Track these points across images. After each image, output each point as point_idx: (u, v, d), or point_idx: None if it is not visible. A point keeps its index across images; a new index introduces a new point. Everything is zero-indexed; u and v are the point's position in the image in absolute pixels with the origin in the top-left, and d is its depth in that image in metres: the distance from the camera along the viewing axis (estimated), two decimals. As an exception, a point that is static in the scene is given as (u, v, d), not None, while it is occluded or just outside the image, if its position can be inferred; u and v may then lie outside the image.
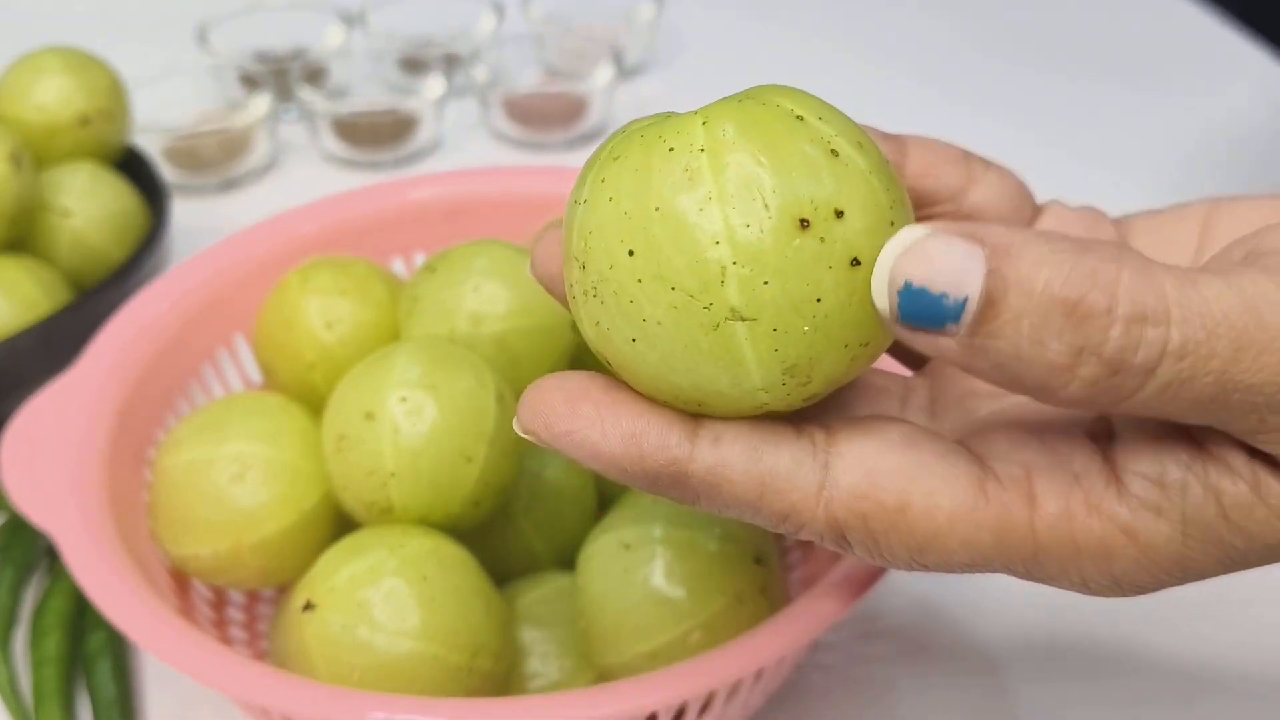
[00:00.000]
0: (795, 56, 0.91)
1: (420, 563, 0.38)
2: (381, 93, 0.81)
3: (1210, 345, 0.22)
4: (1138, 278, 0.22)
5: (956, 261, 0.22)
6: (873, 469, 0.26)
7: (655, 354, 0.25)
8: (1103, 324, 0.22)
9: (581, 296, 0.26)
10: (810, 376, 0.25)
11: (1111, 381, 0.22)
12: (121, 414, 0.44)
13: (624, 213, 0.25)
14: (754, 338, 0.24)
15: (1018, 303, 0.22)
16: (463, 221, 0.53)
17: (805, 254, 0.24)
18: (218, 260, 0.50)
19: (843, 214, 0.24)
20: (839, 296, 0.24)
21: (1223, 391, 0.22)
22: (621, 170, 0.25)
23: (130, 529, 0.42)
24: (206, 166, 0.76)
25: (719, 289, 0.24)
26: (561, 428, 0.26)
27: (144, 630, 0.36)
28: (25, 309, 0.54)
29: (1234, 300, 0.22)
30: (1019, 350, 0.22)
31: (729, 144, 0.24)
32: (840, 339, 0.24)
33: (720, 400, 0.25)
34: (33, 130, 0.60)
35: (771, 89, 0.27)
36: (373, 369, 0.41)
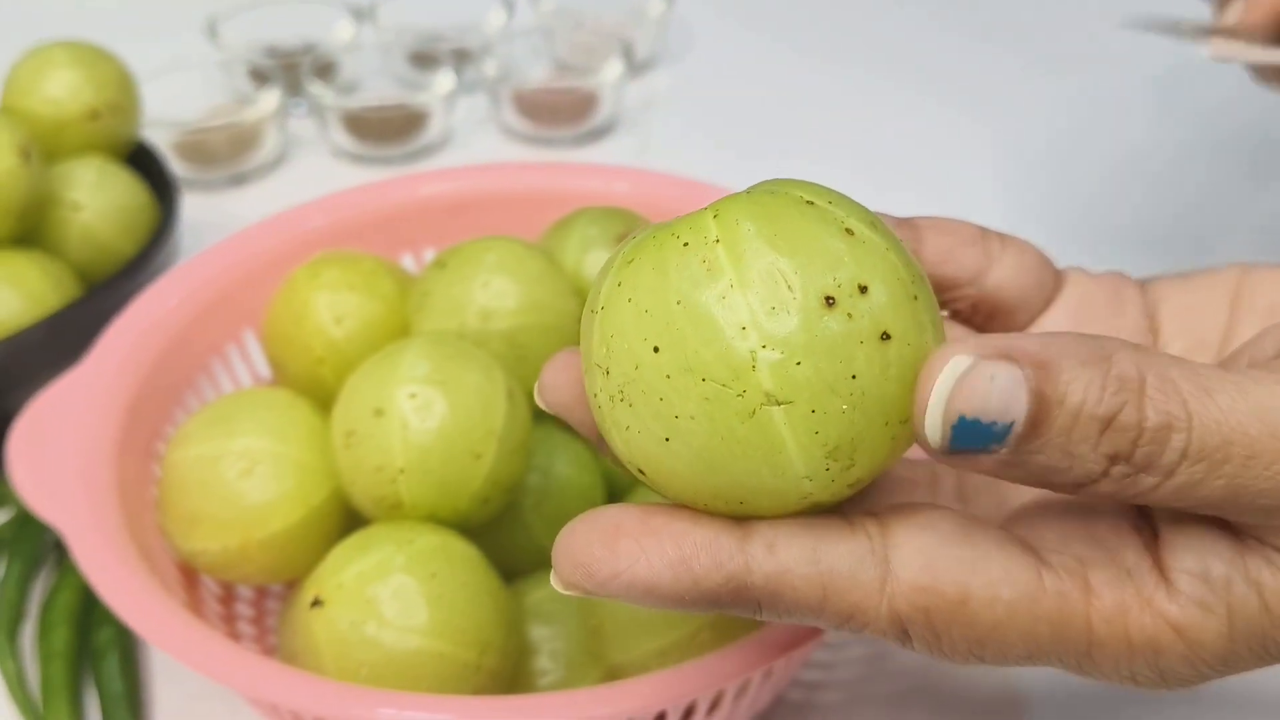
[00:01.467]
0: (805, 52, 0.91)
1: (428, 559, 0.38)
2: (391, 87, 0.81)
3: (1224, 452, 0.23)
4: (1161, 385, 0.23)
5: (1003, 388, 0.23)
6: (933, 561, 0.25)
7: (691, 451, 0.24)
8: (1133, 435, 0.23)
9: (608, 404, 0.25)
10: (853, 459, 0.24)
11: (1136, 479, 0.24)
12: (130, 409, 0.44)
13: (645, 311, 0.24)
14: (792, 421, 0.24)
15: (1059, 422, 0.23)
16: (472, 217, 0.53)
17: (835, 331, 0.23)
18: (227, 255, 0.50)
19: (866, 289, 0.24)
20: (873, 372, 0.24)
21: (1234, 494, 0.24)
22: (638, 271, 0.25)
23: (138, 524, 0.41)
24: (216, 161, 0.76)
25: (751, 375, 0.23)
26: (605, 573, 0.25)
27: (152, 625, 0.36)
28: (34, 303, 0.54)
29: (1248, 409, 0.23)
30: (1057, 462, 0.23)
31: (744, 233, 0.24)
32: (879, 415, 0.24)
33: (763, 495, 0.25)
34: (42, 124, 0.60)
35: (779, 180, 0.26)
36: (382, 365, 0.41)
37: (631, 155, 0.79)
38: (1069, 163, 0.77)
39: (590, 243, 0.48)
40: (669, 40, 0.92)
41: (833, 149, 0.79)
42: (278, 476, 0.41)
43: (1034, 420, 0.23)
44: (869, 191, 0.78)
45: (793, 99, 0.85)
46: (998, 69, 0.87)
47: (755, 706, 0.40)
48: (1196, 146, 0.78)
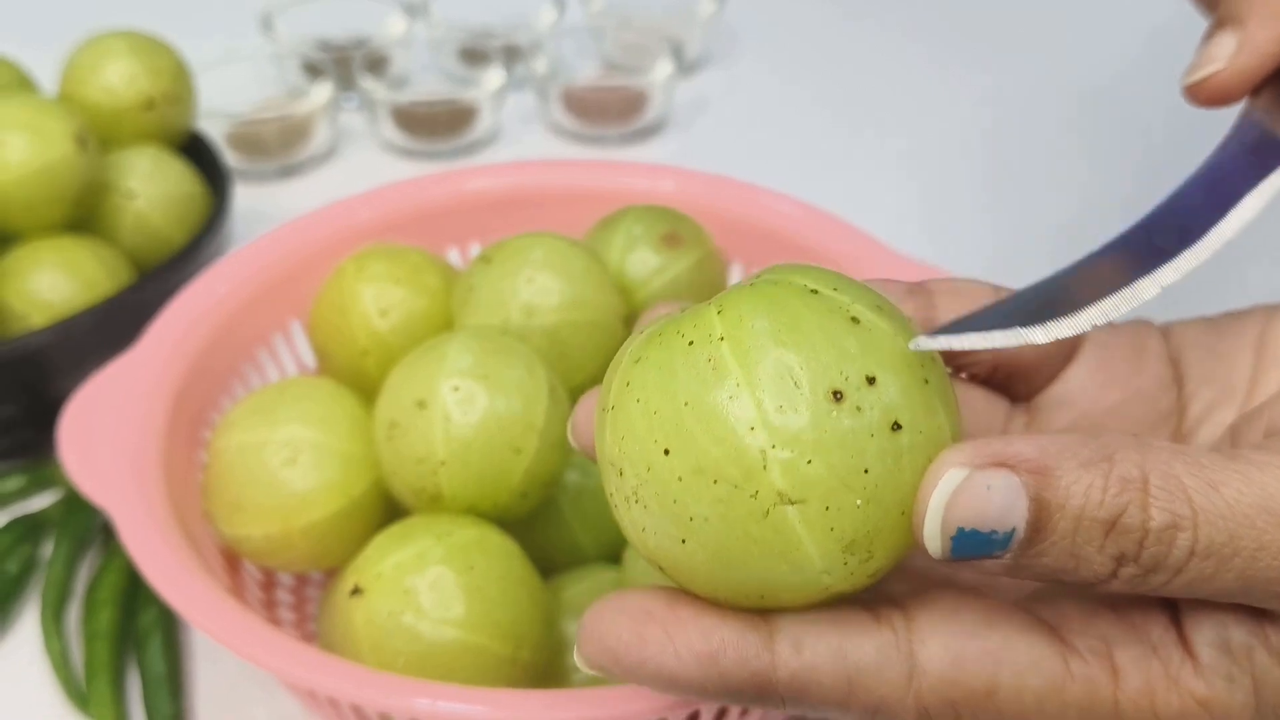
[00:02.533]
0: (857, 51, 0.91)
1: (467, 552, 0.38)
2: (441, 83, 0.82)
3: (1233, 546, 0.23)
4: (1164, 484, 0.23)
5: (1001, 498, 0.23)
6: (959, 654, 0.25)
7: (707, 552, 0.24)
8: (1138, 536, 0.23)
9: (623, 504, 0.25)
10: (871, 551, 0.24)
11: (1145, 578, 0.23)
12: (179, 395, 0.45)
13: (654, 412, 0.24)
14: (807, 520, 0.23)
15: (1062, 526, 0.23)
16: (518, 213, 0.53)
17: (844, 426, 0.23)
18: (276, 246, 0.50)
19: (875, 380, 0.23)
20: (886, 464, 0.23)
21: (1246, 585, 0.23)
22: (645, 371, 0.25)
23: (184, 508, 0.42)
24: (267, 152, 0.77)
25: (762, 475, 0.23)
26: (632, 659, 0.25)
27: (195, 608, 0.37)
28: (87, 288, 0.54)
29: (1254, 500, 0.23)
30: (1062, 564, 0.23)
31: (748, 329, 0.24)
32: (895, 507, 0.24)
33: (783, 590, 0.24)
34: (98, 112, 0.60)
35: (783, 268, 0.26)
36: (425, 357, 0.41)
37: (679, 155, 0.79)
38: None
39: (635, 241, 0.49)
40: (718, 41, 0.92)
41: (881, 150, 0.79)
42: (320, 466, 0.42)
43: (1035, 526, 0.23)
44: (917, 191, 0.78)
45: (841, 102, 0.85)
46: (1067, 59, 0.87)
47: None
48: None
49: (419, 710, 0.34)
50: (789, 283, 0.25)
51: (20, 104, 0.55)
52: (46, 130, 0.54)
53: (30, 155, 0.53)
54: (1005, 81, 0.86)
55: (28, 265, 0.54)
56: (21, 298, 0.54)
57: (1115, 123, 0.79)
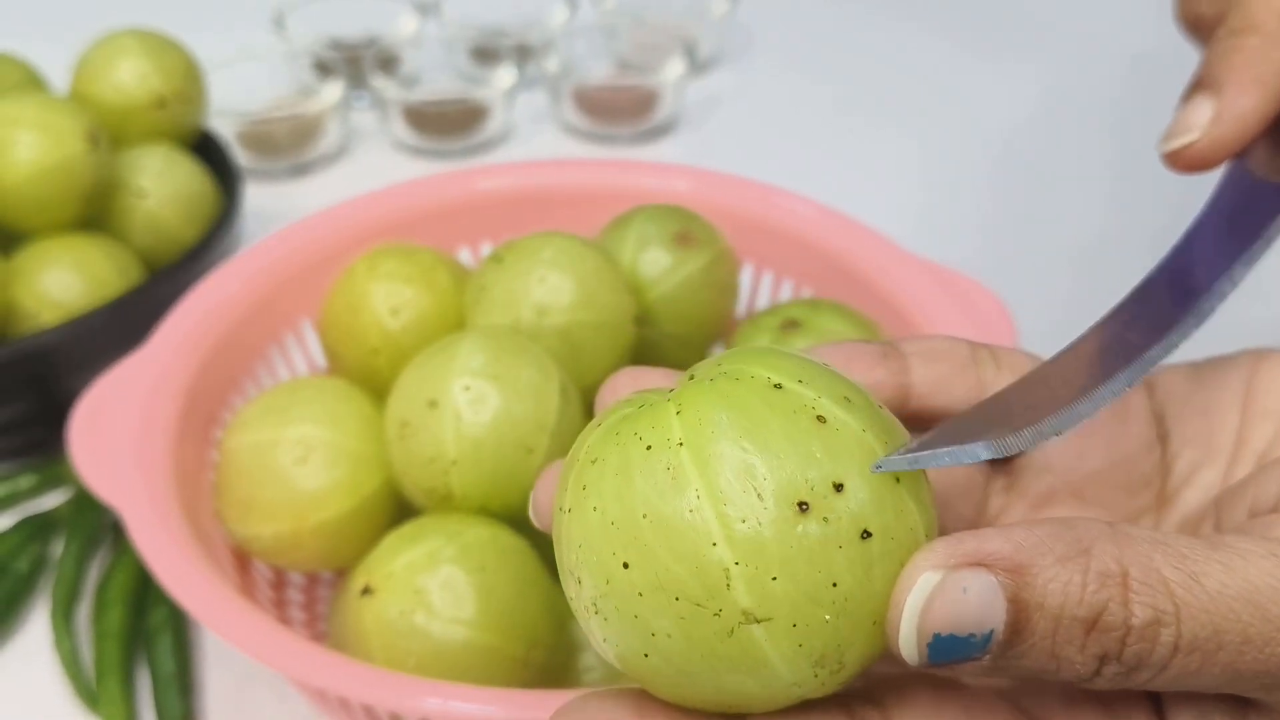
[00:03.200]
0: (870, 51, 0.90)
1: (478, 552, 0.38)
2: (453, 82, 0.82)
3: (1217, 640, 0.22)
4: (1145, 578, 0.22)
5: (977, 600, 0.22)
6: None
7: (671, 667, 0.23)
8: (1120, 634, 0.22)
9: (583, 612, 0.24)
10: (842, 663, 0.23)
11: (1129, 676, 0.23)
12: (189, 394, 0.45)
13: (611, 523, 0.23)
14: (773, 637, 0.22)
15: (1042, 626, 0.22)
16: (530, 212, 0.53)
17: (810, 539, 0.22)
18: (287, 244, 0.50)
19: (842, 487, 0.22)
20: (856, 575, 0.22)
21: (1232, 678, 0.23)
22: (602, 475, 0.23)
23: (195, 507, 0.42)
24: (279, 151, 0.77)
25: (726, 593, 0.22)
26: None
27: (205, 608, 0.37)
28: (98, 287, 0.54)
29: (1238, 592, 0.22)
30: (1043, 665, 0.22)
31: (707, 433, 0.23)
32: (867, 618, 0.23)
33: (753, 701, 0.23)
34: (110, 110, 0.60)
35: (746, 355, 0.25)
36: (437, 357, 0.41)
37: (691, 154, 0.79)
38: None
39: (647, 240, 0.48)
40: (731, 40, 0.91)
41: (894, 150, 0.78)
42: (331, 465, 0.42)
43: (1014, 628, 0.22)
44: (931, 191, 0.77)
45: (854, 101, 0.85)
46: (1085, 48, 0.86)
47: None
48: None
49: (430, 710, 0.34)
50: (751, 377, 0.24)
51: (31, 102, 0.55)
52: (58, 129, 0.54)
53: (41, 153, 0.53)
54: (1023, 81, 0.86)
55: (39, 264, 0.54)
56: (32, 296, 0.54)
57: (1136, 123, 0.79)
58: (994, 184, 0.75)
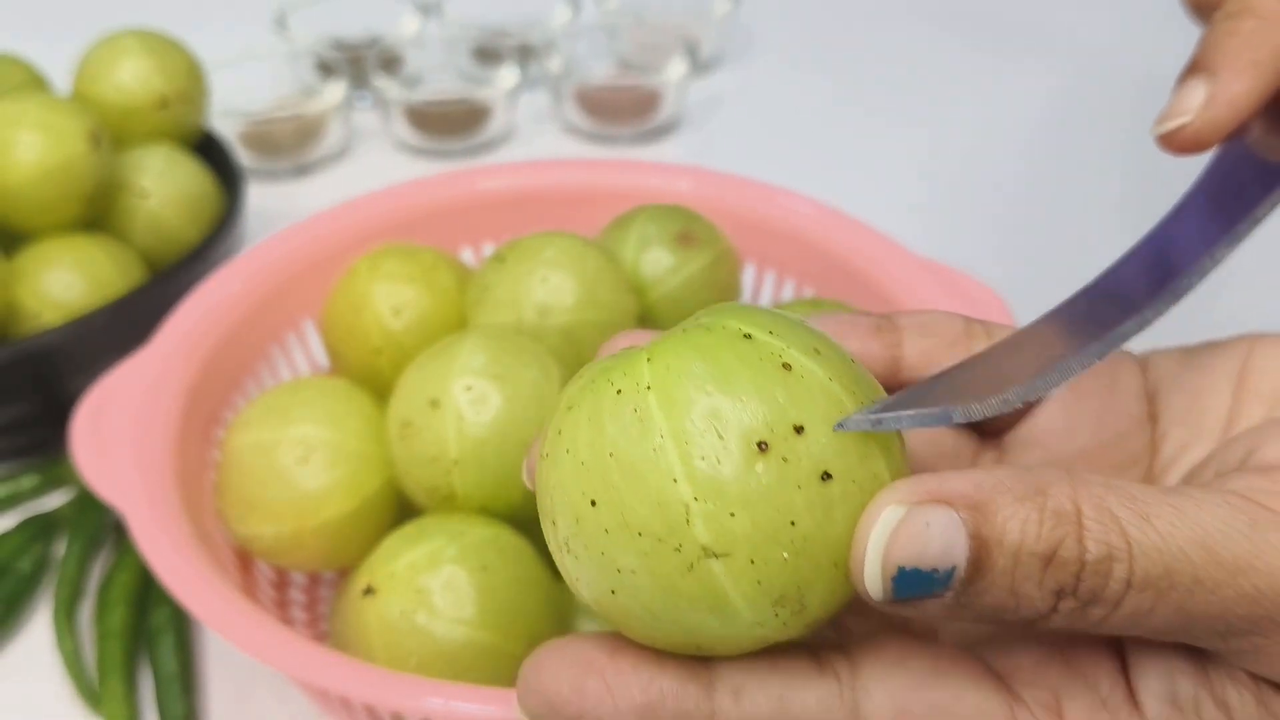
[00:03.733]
0: (872, 50, 0.90)
1: (480, 551, 0.38)
2: (455, 82, 0.82)
3: (1169, 579, 0.22)
4: (1097, 516, 0.23)
5: (940, 534, 0.22)
6: (904, 707, 0.24)
7: (637, 604, 0.24)
8: (1075, 569, 0.22)
9: (557, 554, 0.25)
10: (803, 603, 0.23)
11: (1084, 612, 0.23)
12: (191, 393, 0.45)
13: (581, 463, 0.24)
14: (732, 574, 0.23)
15: (1001, 562, 0.22)
16: (532, 212, 0.53)
17: (768, 478, 0.22)
18: (289, 244, 0.50)
19: (803, 429, 0.23)
20: (815, 516, 0.23)
21: (1185, 620, 0.23)
22: (576, 420, 0.24)
23: (197, 507, 0.42)
24: (281, 151, 0.77)
25: (686, 529, 0.23)
26: (571, 711, 0.24)
27: (207, 608, 0.37)
28: (100, 287, 0.54)
29: (1189, 534, 0.23)
30: (1003, 601, 0.23)
31: (674, 378, 0.23)
32: (827, 558, 0.23)
33: (718, 641, 0.24)
34: (112, 110, 0.60)
35: (722, 309, 0.25)
36: (439, 357, 0.41)
37: (693, 154, 0.79)
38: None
39: (649, 240, 0.48)
40: (733, 40, 0.91)
41: (897, 150, 0.78)
42: (333, 465, 0.42)
43: (976, 563, 0.22)
44: (934, 191, 0.78)
45: (857, 101, 0.85)
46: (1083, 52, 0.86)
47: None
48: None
49: (432, 710, 0.34)
50: (722, 327, 0.24)
51: (34, 103, 0.55)
52: (60, 129, 0.54)
53: (44, 154, 0.53)
54: (1027, 80, 0.86)
55: (41, 264, 0.54)
56: (35, 296, 0.54)
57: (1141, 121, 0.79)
58: (996, 184, 0.75)
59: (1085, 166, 0.77)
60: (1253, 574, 0.23)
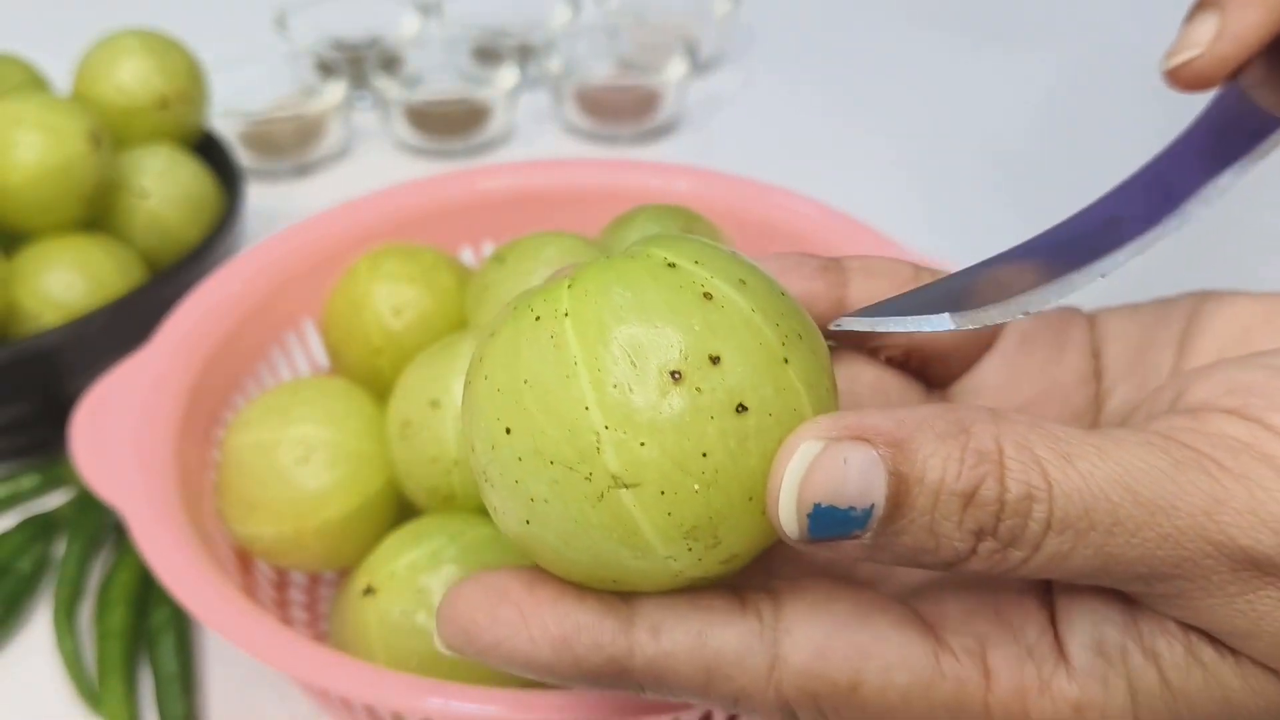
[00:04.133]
0: (873, 50, 0.90)
1: (480, 551, 0.38)
2: (455, 82, 0.82)
3: (1088, 520, 0.22)
4: (1018, 455, 0.22)
5: (858, 471, 0.22)
6: (824, 646, 0.24)
7: (551, 534, 0.23)
8: (995, 509, 0.22)
9: (479, 483, 0.24)
10: (717, 538, 0.23)
11: (1004, 554, 0.22)
12: (191, 393, 0.45)
13: (497, 389, 0.23)
14: (642, 504, 0.22)
15: (921, 501, 0.22)
16: (532, 212, 0.53)
17: (680, 408, 0.22)
18: (289, 244, 0.50)
19: (719, 359, 0.22)
20: (728, 447, 0.22)
21: (1106, 562, 0.22)
22: (495, 346, 0.24)
23: (197, 507, 0.42)
24: (281, 151, 0.77)
25: (596, 457, 0.22)
26: (486, 640, 0.24)
27: (207, 608, 0.37)
28: (100, 287, 0.54)
29: (1109, 474, 0.22)
30: (922, 543, 0.22)
31: (592, 304, 0.23)
32: (740, 493, 0.23)
33: (634, 575, 0.24)
34: (112, 111, 0.60)
35: (654, 239, 0.25)
36: (439, 356, 0.41)
37: (693, 154, 0.79)
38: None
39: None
40: (733, 39, 0.91)
41: (897, 150, 0.78)
42: (333, 464, 0.42)
43: (894, 502, 0.22)
44: (934, 191, 0.77)
45: (857, 101, 0.85)
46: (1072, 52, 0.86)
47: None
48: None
49: (432, 710, 0.34)
50: (647, 255, 0.24)
51: (34, 103, 0.55)
52: (60, 129, 0.54)
53: (44, 154, 0.53)
54: (1028, 81, 0.86)
55: (41, 264, 0.54)
56: (34, 297, 0.54)
57: (1140, 124, 0.79)
58: (996, 184, 0.75)
59: (1087, 167, 0.77)
60: (1174, 514, 0.22)
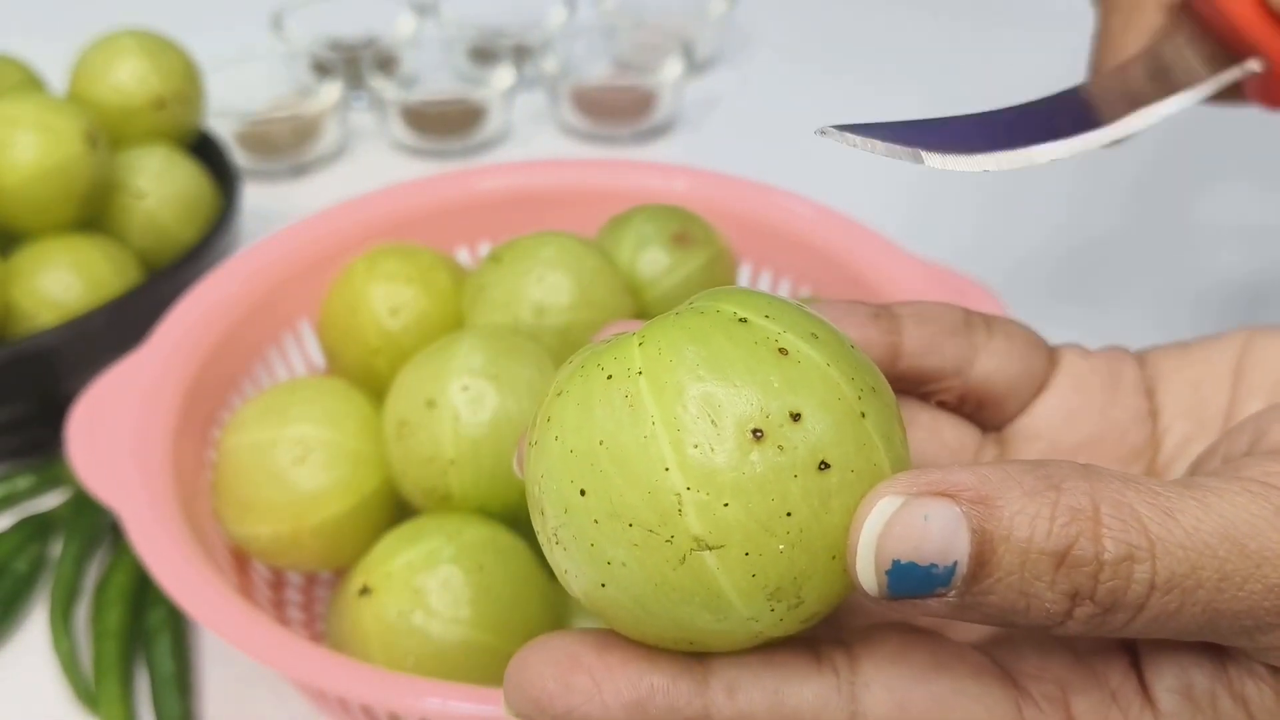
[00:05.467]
0: (869, 50, 0.90)
1: (477, 551, 0.38)
2: (451, 82, 0.82)
3: (1195, 578, 0.21)
4: (1117, 513, 0.21)
5: (940, 528, 0.21)
6: (903, 700, 0.23)
7: (628, 598, 0.23)
8: (1092, 570, 0.21)
9: (546, 544, 0.24)
10: (800, 597, 0.23)
11: (1104, 619, 0.22)
12: (188, 394, 0.45)
13: (570, 451, 0.23)
14: (726, 566, 0.22)
15: (1008, 560, 0.21)
16: (529, 212, 0.53)
17: (764, 467, 0.22)
18: (285, 244, 0.50)
19: (799, 416, 0.22)
20: (812, 506, 0.22)
21: (1213, 620, 0.22)
22: (565, 406, 0.23)
23: (193, 508, 0.42)
24: (277, 152, 0.76)
25: (678, 519, 0.22)
26: (558, 708, 0.23)
27: (203, 608, 0.37)
28: (97, 287, 0.54)
29: (1214, 528, 0.22)
30: (1012, 603, 0.22)
31: (666, 362, 0.22)
32: (824, 550, 0.22)
33: (711, 637, 0.23)
34: (108, 111, 0.60)
35: (718, 293, 0.24)
36: (435, 356, 0.41)
37: (689, 154, 0.79)
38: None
39: (646, 240, 0.48)
40: (729, 40, 0.91)
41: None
42: (330, 465, 0.42)
43: (979, 560, 0.21)
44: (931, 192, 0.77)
45: (853, 101, 0.85)
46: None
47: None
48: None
49: (429, 710, 0.34)
50: (716, 311, 0.24)
51: (30, 103, 0.55)
52: (57, 129, 0.54)
53: (40, 154, 0.53)
54: (1026, 81, 0.86)
55: (37, 264, 0.54)
56: (31, 297, 0.54)
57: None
58: (994, 185, 0.75)
59: (1087, 167, 0.77)
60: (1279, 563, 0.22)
